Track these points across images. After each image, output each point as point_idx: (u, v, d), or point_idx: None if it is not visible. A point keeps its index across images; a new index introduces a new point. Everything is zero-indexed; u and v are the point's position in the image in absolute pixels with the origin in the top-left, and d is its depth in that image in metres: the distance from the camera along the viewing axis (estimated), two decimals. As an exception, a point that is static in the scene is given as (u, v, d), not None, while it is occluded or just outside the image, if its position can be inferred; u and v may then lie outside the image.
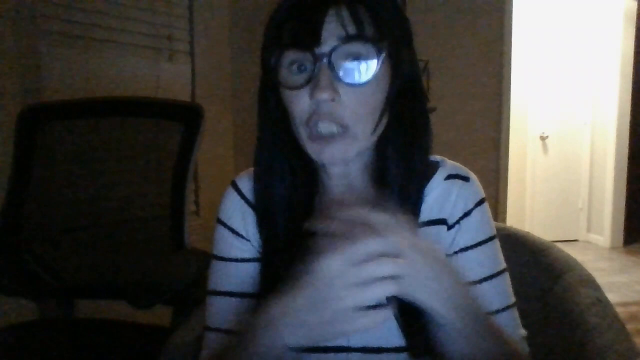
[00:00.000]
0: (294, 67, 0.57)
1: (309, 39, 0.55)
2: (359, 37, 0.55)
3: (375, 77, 0.56)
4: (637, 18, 4.13)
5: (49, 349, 1.13)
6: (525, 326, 0.65)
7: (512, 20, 2.90)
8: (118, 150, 1.40)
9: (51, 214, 1.37)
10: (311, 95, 0.55)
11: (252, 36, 2.22)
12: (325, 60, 0.55)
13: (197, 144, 1.28)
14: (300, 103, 0.57)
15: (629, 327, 0.70)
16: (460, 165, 0.67)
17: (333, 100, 0.55)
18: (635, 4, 4.11)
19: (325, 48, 0.55)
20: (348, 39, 0.55)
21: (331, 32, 0.55)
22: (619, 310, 0.71)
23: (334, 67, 0.55)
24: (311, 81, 0.56)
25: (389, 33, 0.57)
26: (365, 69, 0.56)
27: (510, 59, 2.92)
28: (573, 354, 0.71)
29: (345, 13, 0.55)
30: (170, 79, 2.02)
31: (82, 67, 1.72)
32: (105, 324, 1.25)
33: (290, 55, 0.57)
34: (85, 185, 1.38)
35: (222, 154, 2.20)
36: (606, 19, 4.28)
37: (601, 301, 0.72)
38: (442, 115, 2.51)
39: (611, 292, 3.15)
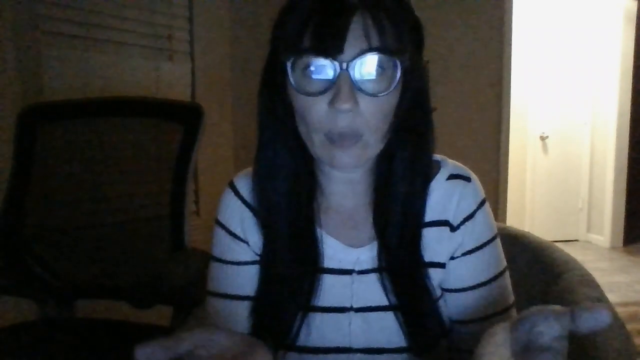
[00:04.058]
0: (308, 71, 0.54)
1: (332, 47, 0.52)
2: (381, 49, 0.53)
3: (394, 88, 0.55)
4: (637, 18, 4.13)
5: (49, 349, 1.13)
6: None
7: (512, 20, 2.90)
8: (118, 150, 1.39)
9: (51, 214, 1.37)
10: (331, 104, 0.54)
11: (252, 36, 2.22)
12: (346, 69, 0.52)
13: (197, 144, 1.28)
14: (317, 110, 0.55)
15: (629, 327, 0.70)
16: (461, 165, 0.67)
17: (352, 110, 0.54)
18: (635, 4, 4.11)
19: (347, 57, 0.52)
20: (371, 50, 0.53)
21: (354, 40, 0.52)
22: (619, 310, 0.71)
23: (355, 77, 0.53)
24: (331, 89, 0.53)
25: (408, 45, 0.56)
26: (385, 80, 0.54)
27: (510, 59, 2.92)
28: (573, 354, 0.71)
29: (368, 22, 0.53)
30: (170, 79, 2.02)
31: (82, 67, 1.72)
32: (105, 324, 1.24)
33: (308, 60, 0.54)
34: (85, 185, 1.38)
35: (222, 154, 2.20)
36: (606, 19, 4.28)
37: (601, 301, 0.72)
38: (442, 115, 2.50)
39: (611, 292, 3.15)
